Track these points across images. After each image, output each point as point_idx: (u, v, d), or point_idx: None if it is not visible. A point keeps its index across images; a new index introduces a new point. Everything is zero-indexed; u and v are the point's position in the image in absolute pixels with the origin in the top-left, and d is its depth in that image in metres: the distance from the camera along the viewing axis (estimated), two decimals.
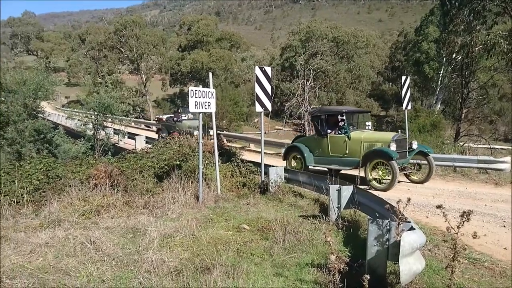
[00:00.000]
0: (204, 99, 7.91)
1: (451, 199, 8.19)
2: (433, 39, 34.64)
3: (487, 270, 4.58)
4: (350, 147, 9.98)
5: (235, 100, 39.24)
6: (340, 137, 10.20)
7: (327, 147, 10.43)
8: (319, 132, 10.71)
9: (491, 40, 16.46)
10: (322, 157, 10.57)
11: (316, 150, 10.74)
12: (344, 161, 10.06)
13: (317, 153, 10.69)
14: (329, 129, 10.54)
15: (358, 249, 4.92)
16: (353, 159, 9.84)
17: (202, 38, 52.42)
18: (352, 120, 10.74)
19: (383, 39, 70.89)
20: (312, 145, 10.89)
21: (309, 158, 10.71)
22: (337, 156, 10.23)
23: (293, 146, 11.41)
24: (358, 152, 9.77)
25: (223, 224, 6.34)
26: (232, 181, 9.12)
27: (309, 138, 11.55)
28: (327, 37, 41.24)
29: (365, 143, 9.77)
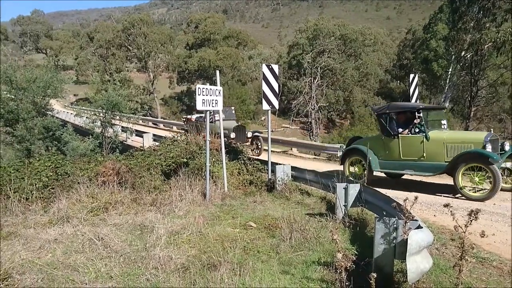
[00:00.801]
0: (211, 97, 7.93)
1: (459, 198, 8.12)
2: (441, 37, 34.30)
3: (496, 269, 4.55)
4: (429, 149, 8.58)
5: (242, 98, 39.31)
6: (416, 138, 8.78)
7: (397, 150, 9.03)
8: (387, 131, 9.23)
9: (501, 37, 16.30)
10: (391, 161, 9.18)
11: (382, 152, 9.35)
12: (422, 166, 8.69)
13: (384, 156, 9.31)
14: (399, 128, 9.12)
15: (365, 247, 4.91)
16: (434, 163, 8.50)
17: (210, 36, 52.53)
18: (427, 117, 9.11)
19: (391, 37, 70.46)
20: (378, 147, 9.45)
21: (375, 162, 9.33)
22: (412, 160, 8.84)
23: (353, 149, 9.96)
24: (439, 155, 8.44)
25: (230, 222, 6.37)
26: (239, 179, 9.14)
27: (373, 139, 10.06)
28: (334, 35, 41.07)
29: (449, 145, 8.38)
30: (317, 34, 40.95)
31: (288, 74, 44.77)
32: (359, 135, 13.31)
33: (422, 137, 8.68)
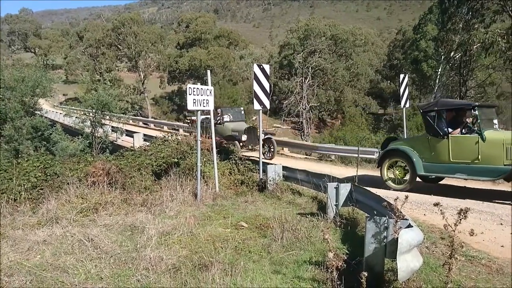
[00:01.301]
0: (202, 96, 7.91)
1: (449, 196, 8.20)
2: (431, 38, 34.69)
3: (484, 267, 4.60)
4: (485, 151, 7.79)
5: (233, 98, 39.29)
6: (469, 138, 8.01)
7: (447, 151, 8.24)
8: (435, 131, 8.45)
9: (489, 38, 16.48)
10: (439, 164, 8.41)
11: (427, 154, 8.57)
12: (476, 169, 7.89)
13: (429, 158, 8.53)
14: (450, 127, 8.36)
15: (356, 246, 4.93)
16: (490, 167, 7.74)
17: (200, 35, 52.40)
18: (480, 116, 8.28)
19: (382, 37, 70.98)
20: (422, 148, 8.70)
21: (419, 165, 8.58)
22: (464, 163, 8.06)
23: (394, 150, 9.18)
24: (497, 158, 7.69)
25: (221, 222, 6.35)
26: (230, 179, 9.13)
27: (417, 140, 9.29)
28: (325, 35, 41.24)
29: (510, 146, 7.60)
30: (308, 34, 41.07)
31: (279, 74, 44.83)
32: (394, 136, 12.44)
33: (477, 138, 7.89)
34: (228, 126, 14.26)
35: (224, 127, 14.27)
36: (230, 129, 14.09)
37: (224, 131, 14.23)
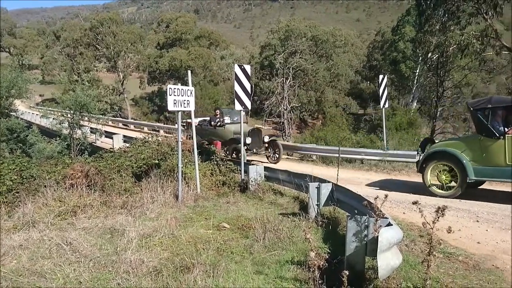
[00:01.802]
0: (183, 97, 7.85)
1: (427, 195, 8.36)
2: (409, 39, 35.31)
3: (461, 263, 4.71)
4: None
5: (214, 99, 39.14)
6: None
7: (502, 153, 7.48)
8: (489, 131, 7.70)
9: (464, 40, 16.87)
10: (493, 167, 7.65)
11: (478, 156, 7.82)
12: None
13: (481, 161, 7.78)
14: (506, 127, 7.63)
15: (337, 245, 4.97)
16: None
17: (181, 36, 51.99)
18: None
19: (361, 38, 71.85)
20: (473, 149, 7.90)
21: (470, 169, 7.83)
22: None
23: (439, 152, 8.42)
24: None
25: (203, 223, 6.31)
26: (212, 180, 9.09)
27: (466, 140, 8.52)
28: (306, 36, 41.50)
29: None
30: (289, 35, 41.24)
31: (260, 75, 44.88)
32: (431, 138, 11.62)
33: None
34: (229, 128, 13.05)
35: (225, 130, 13.08)
36: (231, 132, 12.86)
37: (225, 134, 13.03)
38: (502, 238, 5.63)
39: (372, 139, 16.73)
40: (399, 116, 23.03)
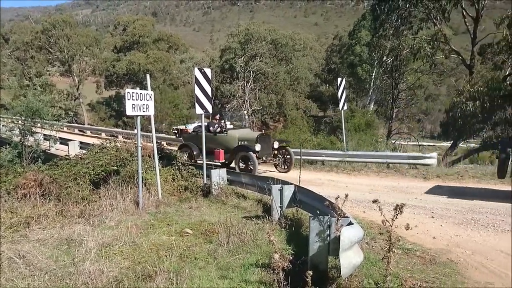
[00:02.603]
0: (142, 101, 7.66)
1: (386, 193, 8.64)
2: (365, 43, 36.42)
3: (419, 258, 4.89)
4: None
5: (174, 103, 38.62)
6: None
7: None
8: None
9: (416, 44, 17.69)
10: None
11: None
12: None
13: None
14: None
15: (301, 246, 5.02)
16: None
17: (139, 39, 50.92)
18: None
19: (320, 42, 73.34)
20: None
21: None
22: None
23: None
24: None
25: (165, 230, 6.18)
26: (174, 185, 8.92)
27: None
28: (265, 40, 41.84)
29: None
30: (249, 38, 41.45)
31: (221, 78, 44.77)
32: None
33: None
34: (232, 134, 11.71)
35: (228, 136, 11.68)
36: (236, 138, 11.58)
37: (228, 141, 11.64)
38: (456, 232, 5.91)
39: (332, 140, 17.07)
40: (358, 118, 23.63)
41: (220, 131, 11.81)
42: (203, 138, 9.28)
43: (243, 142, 11.39)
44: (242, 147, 11.24)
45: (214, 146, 11.51)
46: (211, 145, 11.24)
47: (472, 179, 9.83)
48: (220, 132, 11.81)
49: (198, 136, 11.70)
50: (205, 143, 10.41)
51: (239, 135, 11.66)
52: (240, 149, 11.26)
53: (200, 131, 11.09)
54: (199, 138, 10.94)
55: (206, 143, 10.53)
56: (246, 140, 11.45)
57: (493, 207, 7.10)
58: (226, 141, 11.66)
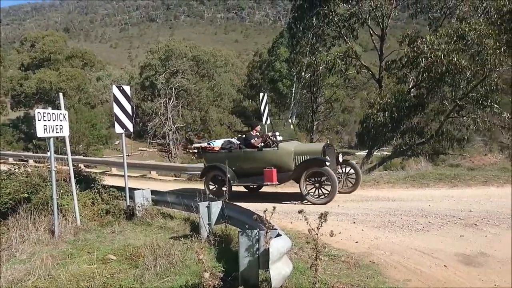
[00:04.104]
0: (55, 122, 7.13)
1: (311, 203, 8.92)
2: (284, 59, 37.92)
3: (344, 263, 5.10)
4: None
5: (92, 122, 36.69)
6: None
7: None
8: None
9: (331, 60, 18.79)
10: None
11: None
12: None
13: None
14: None
15: (231, 262, 4.97)
16: None
17: (49, 56, 47.79)
18: None
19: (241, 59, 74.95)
20: None
21: None
22: None
23: None
24: None
25: (85, 258, 5.75)
26: (94, 210, 8.36)
27: None
28: (187, 56, 41.73)
29: None
30: (169, 55, 41.06)
31: (142, 95, 43.63)
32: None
33: None
34: (286, 148, 9.30)
35: (281, 151, 9.19)
36: (291, 153, 9.21)
37: (280, 157, 9.19)
38: (375, 235, 6.28)
39: None
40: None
41: (266, 145, 9.39)
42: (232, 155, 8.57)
43: (302, 157, 9.11)
44: (313, 161, 8.81)
45: (260, 165, 9.23)
46: (254, 164, 9.30)
47: (387, 184, 10.56)
48: (266, 146, 9.39)
49: (233, 154, 9.59)
50: (245, 162, 9.39)
51: (295, 149, 9.29)
52: (310, 164, 8.83)
53: (233, 147, 9.85)
54: (235, 156, 9.46)
55: (245, 162, 9.39)
56: (306, 154, 9.11)
57: (406, 209, 7.67)
58: (277, 157, 9.19)
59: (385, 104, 15.40)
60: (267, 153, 9.24)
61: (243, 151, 9.57)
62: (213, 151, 10.04)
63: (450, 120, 16.00)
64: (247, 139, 9.76)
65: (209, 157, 10.03)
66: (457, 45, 13.64)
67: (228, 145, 9.97)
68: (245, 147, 9.62)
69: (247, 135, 10.00)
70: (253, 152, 9.39)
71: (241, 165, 9.44)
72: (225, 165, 8.70)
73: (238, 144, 9.89)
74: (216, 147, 10.14)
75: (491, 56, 12.97)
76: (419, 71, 15.54)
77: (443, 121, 15.77)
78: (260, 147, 9.33)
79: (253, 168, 9.26)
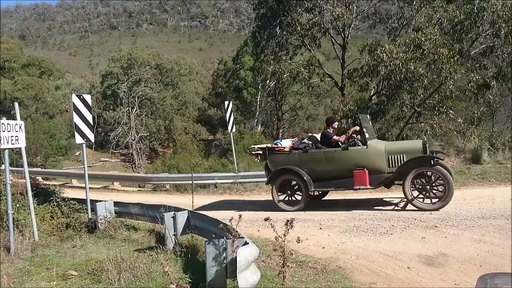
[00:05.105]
0: (10, 133, 6.80)
1: (278, 211, 8.94)
2: (249, 67, 38.10)
3: (311, 269, 5.13)
4: None
5: (50, 133, 35.32)
6: None
7: None
8: None
9: (294, 69, 19.09)
10: None
11: None
12: None
13: None
14: None
15: (198, 273, 4.88)
16: None
17: (4, 64, 45.82)
18: None
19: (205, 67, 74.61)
20: None
21: None
22: None
23: None
24: None
25: (43, 275, 5.48)
26: (53, 224, 8.01)
27: None
28: (150, 64, 41.16)
29: None
30: (132, 63, 40.35)
31: (103, 105, 42.55)
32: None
33: None
34: (377, 146, 8.17)
35: (371, 150, 8.02)
36: (382, 152, 8.02)
37: (369, 157, 7.99)
38: (341, 240, 6.37)
39: (224, 163, 17.30)
40: (247, 139, 24.44)
41: (353, 144, 8.17)
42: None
43: (397, 156, 7.93)
44: (420, 160, 7.63)
45: (344, 167, 8.07)
46: (337, 166, 8.14)
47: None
48: (353, 145, 8.15)
49: (308, 155, 8.35)
50: (325, 163, 8.18)
51: (387, 147, 8.13)
52: (416, 164, 7.62)
53: (309, 146, 8.51)
54: (312, 158, 8.26)
55: (325, 164, 8.19)
56: (402, 153, 7.92)
57: (370, 213, 7.84)
58: (367, 157, 7.99)
59: (348, 111, 15.77)
60: (354, 153, 8.02)
61: (322, 151, 8.29)
62: (283, 152, 8.68)
63: (409, 126, 16.59)
64: (328, 136, 8.53)
65: (277, 159, 8.66)
66: (415, 54, 14.20)
67: (302, 144, 8.64)
68: (325, 147, 8.37)
69: (325, 133, 8.74)
70: (336, 152, 8.15)
71: (319, 168, 8.23)
72: (299, 168, 8.04)
73: (313, 144, 8.60)
74: (285, 147, 8.75)
75: (446, 65, 13.59)
76: (380, 79, 16.09)
77: (402, 127, 16.32)
78: (346, 146, 8.11)
79: (335, 171, 8.11)
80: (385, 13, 19.40)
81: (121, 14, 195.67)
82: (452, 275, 4.67)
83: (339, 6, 17.50)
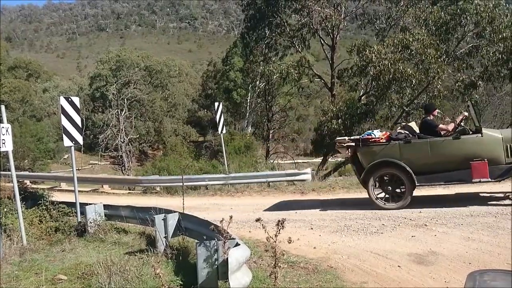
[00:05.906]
0: None
1: (269, 211, 8.96)
2: (238, 69, 38.09)
3: (303, 269, 5.14)
4: None
5: (38, 136, 34.88)
6: None
7: None
8: None
9: (284, 70, 19.13)
10: None
11: None
12: None
13: None
14: None
15: (189, 275, 4.86)
16: None
17: None
18: None
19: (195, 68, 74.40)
20: None
21: None
22: None
23: None
24: None
25: (32, 280, 5.41)
26: (42, 228, 7.91)
27: None
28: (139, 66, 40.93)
29: None
30: (121, 65, 40.08)
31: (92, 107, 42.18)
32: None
33: None
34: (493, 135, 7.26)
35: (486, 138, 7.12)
36: (499, 140, 7.12)
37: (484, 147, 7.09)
38: (332, 240, 6.39)
39: (214, 164, 17.23)
40: (237, 141, 24.37)
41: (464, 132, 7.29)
42: None
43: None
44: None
45: (454, 158, 7.19)
46: (445, 158, 7.26)
47: (342, 190, 10.82)
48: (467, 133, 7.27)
49: (411, 146, 7.46)
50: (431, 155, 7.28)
51: (505, 134, 7.19)
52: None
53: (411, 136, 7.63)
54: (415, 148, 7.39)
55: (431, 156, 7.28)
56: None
57: (360, 213, 7.88)
58: (483, 146, 7.10)
59: (338, 111, 15.86)
60: (468, 142, 7.15)
61: (428, 140, 7.37)
62: (380, 143, 7.77)
63: (398, 126, 16.66)
64: (431, 125, 7.65)
65: (373, 151, 7.76)
66: (403, 54, 14.34)
67: (402, 134, 7.77)
68: (430, 136, 7.45)
69: (427, 121, 7.80)
70: (446, 142, 7.26)
71: (423, 160, 7.39)
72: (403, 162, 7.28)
73: (414, 133, 7.77)
74: (381, 138, 7.86)
75: (433, 65, 13.74)
76: (369, 79, 16.19)
77: (391, 127, 16.46)
78: (457, 135, 7.23)
79: (442, 163, 7.28)
80: (373, 13, 19.56)
81: (109, 16, 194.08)
82: (442, 273, 4.72)
83: (327, 7, 17.61)
